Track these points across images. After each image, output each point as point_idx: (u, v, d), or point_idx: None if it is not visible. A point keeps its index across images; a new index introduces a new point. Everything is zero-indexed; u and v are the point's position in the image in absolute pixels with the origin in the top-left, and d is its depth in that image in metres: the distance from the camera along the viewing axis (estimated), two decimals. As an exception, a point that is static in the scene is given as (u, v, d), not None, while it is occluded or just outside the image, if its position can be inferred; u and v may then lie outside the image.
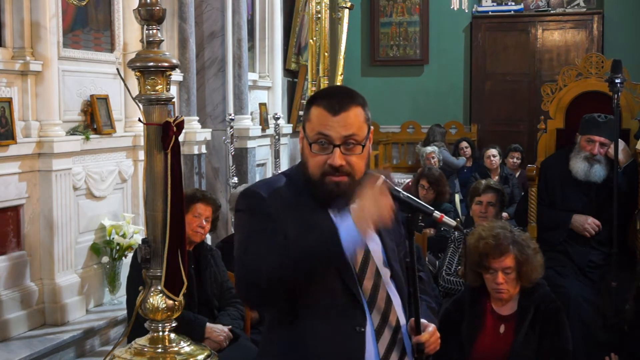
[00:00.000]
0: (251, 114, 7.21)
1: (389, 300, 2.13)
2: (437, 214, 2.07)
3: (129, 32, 5.32)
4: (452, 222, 2.12)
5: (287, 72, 8.69)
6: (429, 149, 7.95)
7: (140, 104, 2.67)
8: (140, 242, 2.67)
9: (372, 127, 2.15)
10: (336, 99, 2.09)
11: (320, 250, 1.93)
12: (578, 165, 4.43)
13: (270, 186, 2.13)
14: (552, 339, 3.13)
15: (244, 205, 2.13)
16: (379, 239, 2.20)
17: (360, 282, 2.09)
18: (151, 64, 2.61)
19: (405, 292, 2.20)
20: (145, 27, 2.66)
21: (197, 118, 6.29)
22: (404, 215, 2.12)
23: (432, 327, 2.13)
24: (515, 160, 8.13)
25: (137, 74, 2.64)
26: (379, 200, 1.94)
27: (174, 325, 2.69)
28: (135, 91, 2.69)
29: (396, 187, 2.08)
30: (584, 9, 10.29)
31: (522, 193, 6.91)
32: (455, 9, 6.46)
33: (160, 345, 2.65)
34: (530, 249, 3.20)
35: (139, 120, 2.68)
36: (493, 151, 7.77)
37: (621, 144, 4.37)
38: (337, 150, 2.04)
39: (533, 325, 3.15)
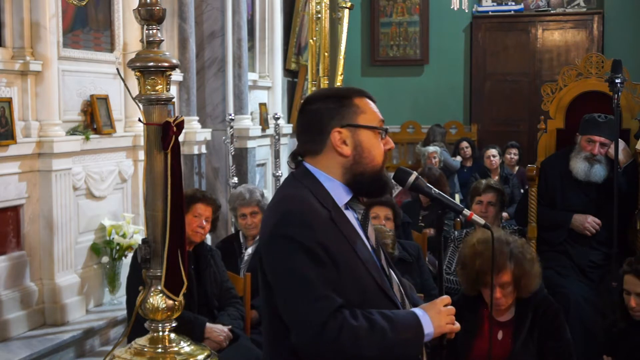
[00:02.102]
0: (251, 114, 7.21)
1: (407, 300, 2.18)
2: (466, 211, 2.13)
3: (129, 32, 5.32)
4: (481, 221, 2.14)
5: (287, 72, 8.69)
6: (431, 148, 7.94)
7: (140, 104, 2.67)
8: (140, 242, 2.67)
9: None
10: (365, 91, 2.16)
11: (405, 348, 2.00)
12: (578, 166, 4.43)
13: (309, 206, 2.01)
14: (553, 342, 3.10)
15: (295, 234, 1.97)
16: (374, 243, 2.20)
17: (390, 285, 2.13)
18: (151, 64, 2.61)
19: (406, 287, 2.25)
20: (145, 27, 2.66)
21: (197, 118, 6.30)
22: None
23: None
24: (512, 156, 8.14)
25: (137, 74, 2.64)
26: (452, 317, 2.09)
27: (174, 325, 2.68)
28: (135, 91, 2.69)
29: (428, 184, 2.15)
30: (584, 9, 10.28)
31: (522, 191, 6.92)
32: (455, 9, 6.44)
33: (160, 345, 2.64)
34: (527, 260, 3.13)
35: (139, 120, 2.68)
36: (493, 151, 7.77)
37: (621, 144, 4.37)
38: (387, 135, 2.14)
39: (532, 330, 3.12)
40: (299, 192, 2.05)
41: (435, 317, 2.03)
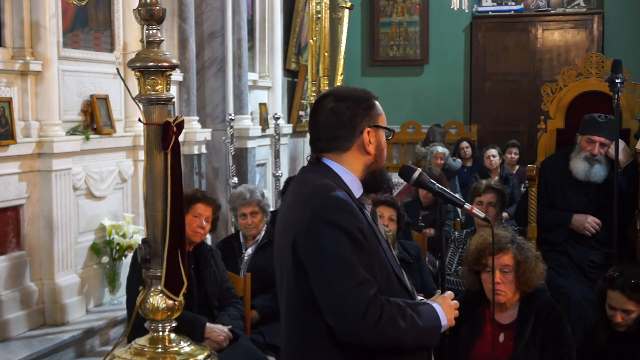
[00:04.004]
0: (251, 114, 7.21)
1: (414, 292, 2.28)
2: (467, 205, 2.30)
3: (129, 32, 5.32)
4: (482, 214, 2.30)
5: (287, 72, 8.68)
6: (440, 149, 7.93)
7: (140, 104, 2.67)
8: (140, 242, 2.67)
9: None
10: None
11: (428, 336, 2.12)
12: (578, 166, 4.43)
13: (346, 195, 2.10)
14: (555, 347, 3.08)
15: (342, 221, 2.03)
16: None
17: (402, 273, 2.24)
18: (151, 64, 2.61)
19: None
20: (145, 27, 2.66)
21: (197, 118, 6.29)
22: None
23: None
24: (513, 155, 8.15)
25: (137, 74, 2.64)
26: (456, 312, 2.22)
27: (174, 325, 2.68)
28: (135, 91, 2.69)
29: (431, 180, 2.29)
30: (584, 9, 10.29)
31: (523, 189, 6.91)
32: (455, 9, 6.44)
33: (160, 345, 2.64)
34: (530, 252, 3.17)
35: (139, 120, 2.68)
36: (493, 151, 7.77)
37: (621, 144, 4.37)
38: None
39: (534, 333, 3.11)
40: (330, 182, 2.14)
41: (448, 310, 2.16)
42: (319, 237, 2.03)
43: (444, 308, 2.15)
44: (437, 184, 2.29)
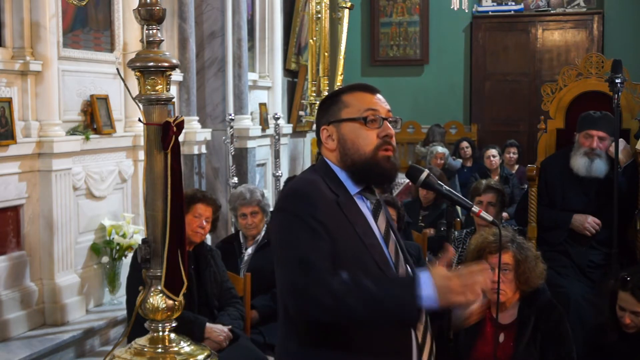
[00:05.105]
0: (251, 114, 7.21)
1: None
2: (475, 208, 2.23)
3: (129, 32, 5.32)
4: (489, 217, 2.24)
5: (287, 72, 8.68)
6: (440, 149, 7.93)
7: (140, 104, 2.67)
8: (140, 242, 2.67)
9: None
10: (364, 84, 2.25)
11: (396, 314, 1.91)
12: (579, 162, 4.42)
13: (315, 187, 2.11)
14: (556, 347, 3.08)
15: (295, 208, 2.06)
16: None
17: (396, 271, 2.16)
18: (151, 64, 2.61)
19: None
20: (145, 27, 2.66)
21: (197, 118, 6.30)
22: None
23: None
24: (511, 155, 8.15)
25: (137, 74, 2.64)
26: (473, 288, 1.91)
27: (174, 325, 2.68)
28: (135, 91, 2.69)
29: (439, 182, 2.23)
30: (584, 9, 10.29)
31: (524, 188, 6.91)
32: (455, 9, 6.45)
33: (160, 345, 2.64)
34: (532, 252, 3.18)
35: (139, 120, 2.68)
36: (493, 151, 7.77)
37: (622, 143, 4.37)
38: (386, 122, 2.17)
39: (534, 334, 3.11)
40: (309, 176, 2.18)
41: (441, 283, 1.87)
42: (278, 224, 2.10)
43: (437, 279, 1.87)
44: (445, 186, 2.24)
